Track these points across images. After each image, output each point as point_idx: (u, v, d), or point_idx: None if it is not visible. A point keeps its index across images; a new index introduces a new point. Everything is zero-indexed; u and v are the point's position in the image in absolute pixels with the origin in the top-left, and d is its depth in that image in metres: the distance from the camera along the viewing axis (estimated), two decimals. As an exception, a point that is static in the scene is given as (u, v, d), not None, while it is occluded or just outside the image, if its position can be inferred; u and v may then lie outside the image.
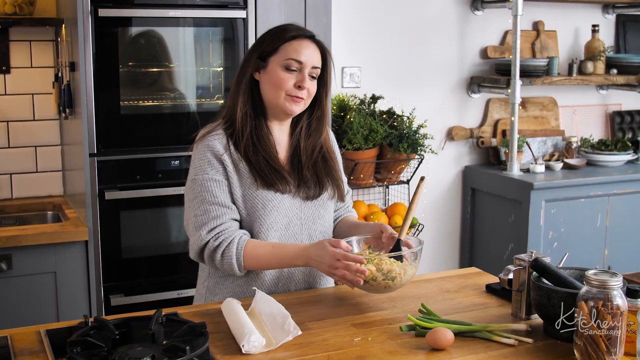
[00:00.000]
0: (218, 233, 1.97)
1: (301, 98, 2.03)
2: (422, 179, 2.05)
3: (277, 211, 2.03)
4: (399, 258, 1.93)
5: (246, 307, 1.84)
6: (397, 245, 1.99)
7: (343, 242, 1.90)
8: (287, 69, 2.00)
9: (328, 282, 2.19)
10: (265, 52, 2.02)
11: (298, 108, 2.04)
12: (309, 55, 2.01)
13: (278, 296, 1.98)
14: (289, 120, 2.12)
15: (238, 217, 2.02)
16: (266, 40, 2.04)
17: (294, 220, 2.07)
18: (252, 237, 2.02)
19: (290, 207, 2.06)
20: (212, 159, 2.00)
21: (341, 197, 2.17)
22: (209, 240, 1.97)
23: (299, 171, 2.09)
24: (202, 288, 2.13)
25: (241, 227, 2.04)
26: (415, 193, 2.04)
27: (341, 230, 2.24)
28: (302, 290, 2.11)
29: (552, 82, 4.13)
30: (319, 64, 2.04)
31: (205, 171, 1.99)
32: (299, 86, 2.01)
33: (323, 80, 2.09)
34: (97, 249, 2.91)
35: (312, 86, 2.04)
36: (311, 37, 2.05)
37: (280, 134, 2.11)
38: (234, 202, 2.02)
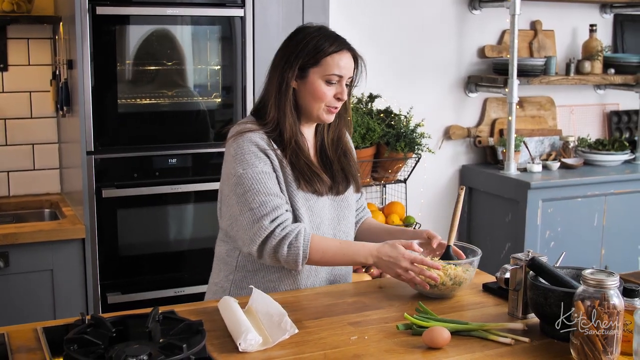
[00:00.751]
0: (282, 223, 1.97)
1: (337, 108, 2.08)
2: (461, 187, 2.21)
3: (312, 211, 2.07)
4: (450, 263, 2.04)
5: (243, 305, 1.84)
6: (447, 251, 2.12)
7: (415, 245, 2.00)
8: (328, 82, 2.03)
9: (346, 280, 2.22)
10: (307, 63, 2.03)
11: (333, 117, 2.10)
12: (348, 67, 2.06)
13: (275, 294, 1.98)
14: None
15: (290, 209, 2.04)
16: (307, 50, 2.03)
17: (325, 221, 2.12)
18: None
19: (322, 208, 2.11)
20: (259, 153, 2.01)
21: (358, 188, 2.24)
22: (274, 230, 1.96)
23: (329, 167, 2.14)
24: (226, 282, 2.12)
25: None
26: (457, 201, 2.18)
27: (366, 233, 2.29)
28: (322, 286, 2.14)
29: (550, 81, 4.13)
30: (353, 72, 2.09)
31: (254, 164, 2.00)
32: (337, 98, 2.05)
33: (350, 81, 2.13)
34: (94, 247, 2.91)
35: (346, 95, 2.09)
36: (349, 47, 2.07)
37: (308, 134, 2.15)
38: None
